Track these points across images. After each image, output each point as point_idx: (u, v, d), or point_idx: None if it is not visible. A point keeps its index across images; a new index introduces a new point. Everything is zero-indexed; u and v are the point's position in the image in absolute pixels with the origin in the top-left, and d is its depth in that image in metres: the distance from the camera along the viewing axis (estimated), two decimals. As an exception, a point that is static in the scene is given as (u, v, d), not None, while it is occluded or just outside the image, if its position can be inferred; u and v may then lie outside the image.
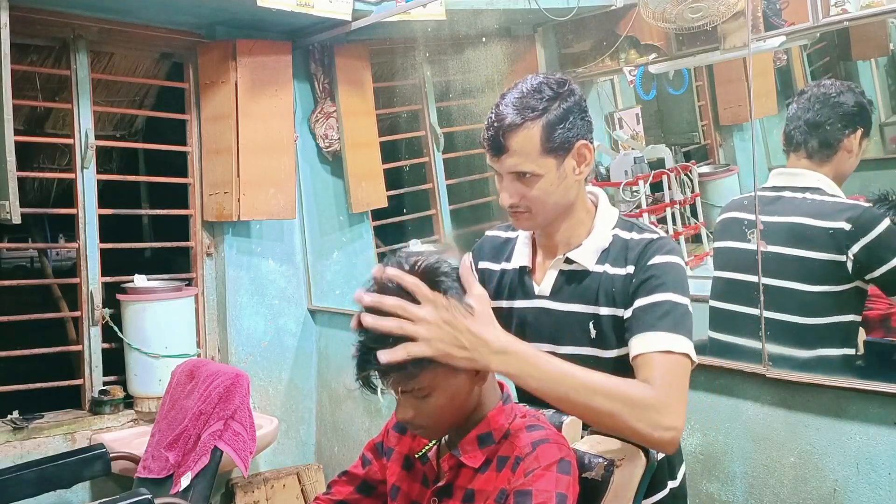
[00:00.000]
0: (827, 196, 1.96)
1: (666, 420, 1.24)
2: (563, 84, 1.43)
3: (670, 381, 1.28)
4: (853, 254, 1.85)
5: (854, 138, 2.00)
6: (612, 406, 1.23)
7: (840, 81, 2.08)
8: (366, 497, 1.44)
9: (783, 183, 2.04)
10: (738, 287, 2.08)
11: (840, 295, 1.90)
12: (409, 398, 1.24)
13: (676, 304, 1.35)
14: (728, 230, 2.16)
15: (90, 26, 3.04)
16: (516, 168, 1.40)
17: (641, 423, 1.23)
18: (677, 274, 1.39)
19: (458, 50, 3.64)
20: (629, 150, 3.58)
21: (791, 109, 2.07)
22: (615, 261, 1.43)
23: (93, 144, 3.08)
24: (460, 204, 3.96)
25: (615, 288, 1.41)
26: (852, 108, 1.99)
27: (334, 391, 3.52)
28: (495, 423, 1.28)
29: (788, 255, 1.96)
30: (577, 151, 1.42)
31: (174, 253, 3.71)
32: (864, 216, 1.87)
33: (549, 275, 1.50)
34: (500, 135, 1.40)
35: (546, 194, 1.41)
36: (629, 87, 3.72)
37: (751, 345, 2.01)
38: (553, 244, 1.50)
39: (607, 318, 1.42)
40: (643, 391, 1.26)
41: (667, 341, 1.31)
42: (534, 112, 1.38)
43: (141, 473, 2.59)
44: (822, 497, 1.85)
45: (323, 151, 3.58)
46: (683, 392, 1.30)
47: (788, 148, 2.07)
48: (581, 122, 1.42)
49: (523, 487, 1.18)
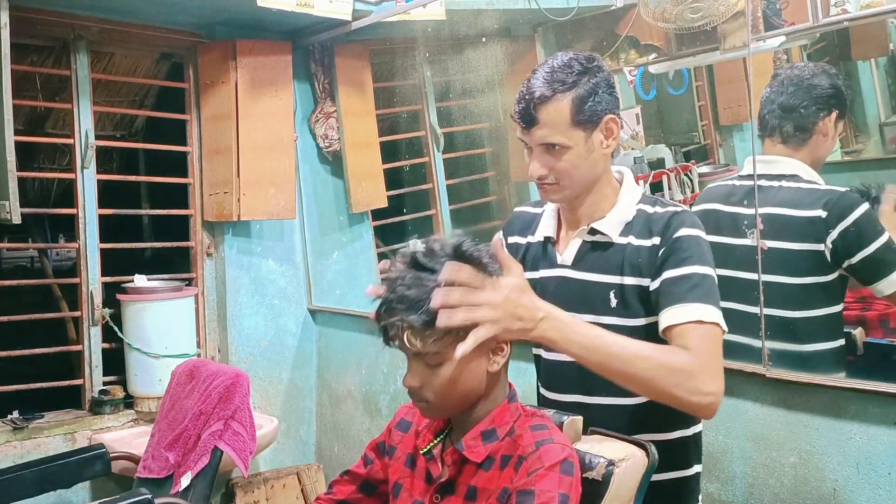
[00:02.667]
0: (804, 183, 1.92)
1: (705, 385, 1.29)
2: (592, 60, 1.47)
3: (706, 348, 1.32)
4: (831, 241, 1.82)
5: (829, 121, 1.95)
6: (652, 371, 1.28)
7: (814, 63, 2.05)
8: (367, 496, 1.44)
9: (759, 171, 1.99)
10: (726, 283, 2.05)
11: (826, 286, 1.88)
12: (420, 365, 1.25)
13: (705, 276, 1.38)
14: (708, 223, 2.12)
15: (90, 26, 3.04)
16: (546, 139, 1.44)
17: (680, 389, 1.28)
18: (702, 247, 1.42)
19: (458, 50, 3.64)
20: (629, 150, 3.59)
21: (765, 93, 2.04)
22: (640, 233, 1.46)
23: (93, 144, 3.08)
24: (460, 204, 3.96)
25: (641, 259, 1.44)
26: (827, 90, 1.95)
27: (334, 391, 3.52)
28: (500, 419, 1.29)
29: (770, 247, 1.92)
30: (605, 125, 1.45)
31: (174, 253, 3.71)
32: (841, 202, 1.83)
33: (572, 244, 1.53)
34: (530, 107, 1.43)
35: (574, 167, 1.44)
36: (629, 87, 3.72)
37: (742, 341, 1.97)
38: (577, 217, 1.53)
39: (631, 287, 1.44)
40: (682, 357, 1.30)
41: (698, 311, 1.34)
42: (564, 85, 1.42)
43: (141, 473, 2.59)
44: (822, 497, 1.85)
45: (323, 151, 3.58)
46: (719, 358, 1.33)
47: (763, 133, 2.03)
48: (609, 97, 1.46)
49: (526, 487, 1.18)
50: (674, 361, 1.29)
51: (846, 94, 2.00)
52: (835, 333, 1.94)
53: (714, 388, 1.30)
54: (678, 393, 1.28)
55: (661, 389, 1.29)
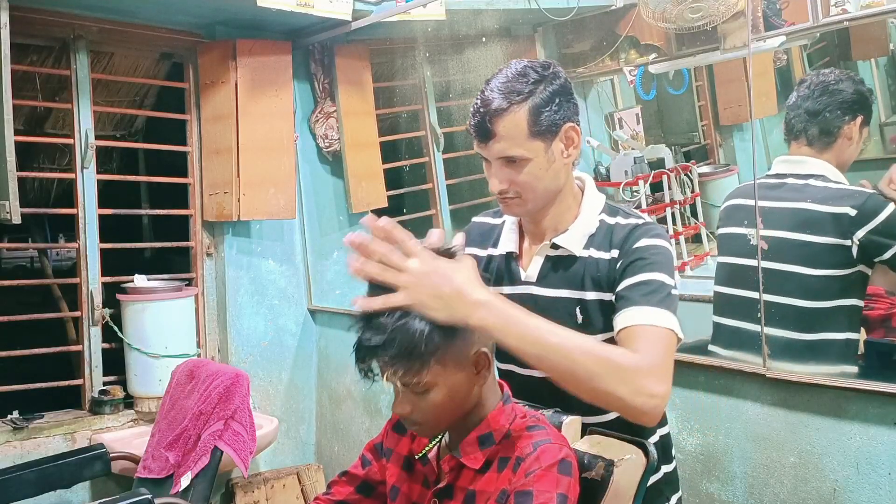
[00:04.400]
0: (831, 182, 1.99)
1: (649, 386, 1.20)
2: (548, 67, 1.42)
3: (655, 350, 1.25)
4: (858, 239, 1.88)
5: (854, 125, 2.02)
6: (594, 367, 1.19)
7: (839, 70, 2.11)
8: (366, 497, 1.44)
9: (786, 170, 2.07)
10: (743, 272, 2.10)
11: (843, 279, 1.92)
12: (407, 393, 1.23)
13: (663, 284, 1.34)
14: (732, 217, 2.19)
15: (90, 26, 3.04)
16: (504, 153, 1.40)
17: (624, 387, 1.19)
18: (664, 256, 1.38)
19: (458, 50, 3.64)
20: (629, 150, 3.59)
21: (791, 98, 2.10)
22: (600, 245, 1.43)
23: (93, 144, 3.07)
24: (460, 204, 3.95)
25: (600, 272, 1.41)
26: (851, 96, 2.02)
27: (334, 391, 3.52)
28: (496, 423, 1.28)
29: (792, 239, 1.98)
30: (565, 134, 1.41)
31: (174, 253, 3.71)
32: (869, 202, 1.89)
33: (535, 261, 1.50)
34: (486, 120, 1.39)
35: (535, 179, 1.41)
36: (629, 87, 3.72)
37: (755, 329, 2.03)
38: (540, 230, 1.50)
39: (594, 302, 1.42)
40: (627, 356, 1.23)
41: (652, 316, 1.30)
42: (519, 95, 1.38)
43: (141, 473, 2.59)
44: (822, 497, 1.85)
45: (323, 151, 3.58)
46: (669, 362, 1.26)
47: (789, 136, 2.09)
48: (567, 104, 1.41)
49: (524, 488, 1.17)
50: (619, 359, 1.21)
51: (870, 99, 2.06)
52: (847, 326, 1.97)
53: (660, 390, 1.21)
54: (621, 392, 1.19)
55: (602, 388, 1.19)
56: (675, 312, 1.32)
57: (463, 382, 1.23)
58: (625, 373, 1.20)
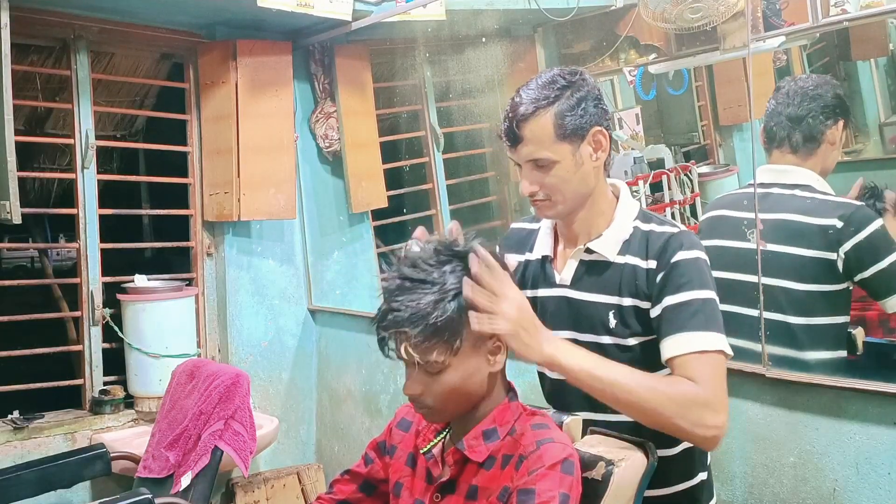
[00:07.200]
0: (818, 193, 1.95)
1: (710, 418, 1.29)
2: (575, 73, 1.46)
3: (710, 379, 1.32)
4: (844, 252, 1.84)
5: (836, 129, 1.99)
6: (656, 402, 1.28)
7: (816, 75, 2.10)
8: (368, 496, 1.44)
9: (771, 179, 2.02)
10: (733, 287, 2.04)
11: (831, 295, 1.89)
12: (421, 373, 1.25)
13: (705, 301, 1.38)
14: (717, 228, 2.12)
15: (90, 26, 3.04)
16: (532, 156, 1.44)
17: (684, 420, 1.28)
18: (701, 269, 1.41)
19: (458, 50, 3.65)
20: (629, 151, 3.59)
21: (770, 106, 2.06)
22: (637, 252, 1.45)
23: (93, 144, 3.08)
24: (460, 204, 3.96)
25: (638, 281, 1.44)
26: (832, 100, 1.99)
27: (334, 391, 3.52)
28: (501, 419, 1.29)
29: (780, 252, 1.94)
30: (593, 137, 1.44)
31: (174, 253, 3.72)
32: (857, 214, 1.86)
33: (569, 264, 1.52)
34: (514, 125, 1.44)
35: (563, 181, 1.44)
36: (629, 87, 3.73)
37: (747, 346, 1.98)
38: (574, 234, 1.52)
39: (629, 308, 1.44)
40: (686, 388, 1.30)
41: (700, 341, 1.34)
42: (546, 100, 1.42)
43: (141, 473, 2.59)
44: (822, 497, 1.85)
45: (323, 151, 3.58)
46: (723, 388, 1.34)
47: (770, 145, 2.05)
48: (595, 108, 1.44)
49: (526, 486, 1.18)
50: (678, 393, 1.29)
51: (848, 103, 2.04)
52: (836, 344, 1.94)
53: (719, 421, 1.30)
54: (682, 424, 1.28)
55: (664, 420, 1.29)
56: (720, 329, 1.37)
57: (476, 367, 1.26)
58: (685, 407, 1.29)
